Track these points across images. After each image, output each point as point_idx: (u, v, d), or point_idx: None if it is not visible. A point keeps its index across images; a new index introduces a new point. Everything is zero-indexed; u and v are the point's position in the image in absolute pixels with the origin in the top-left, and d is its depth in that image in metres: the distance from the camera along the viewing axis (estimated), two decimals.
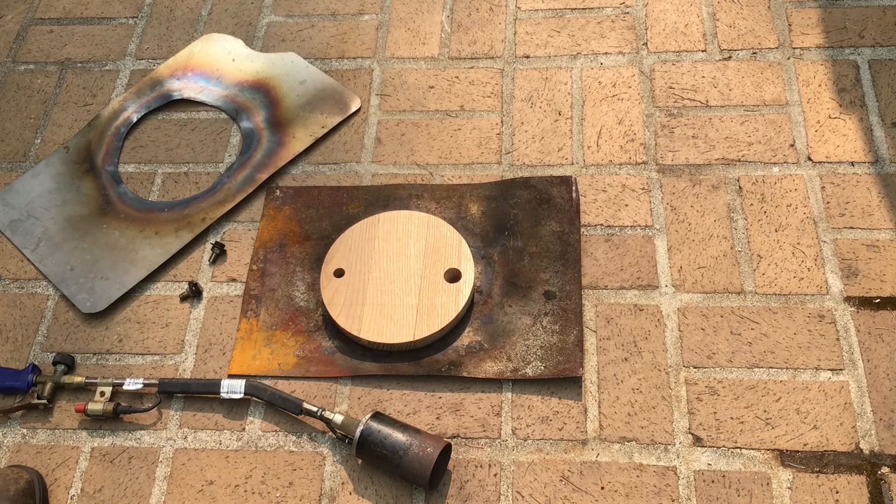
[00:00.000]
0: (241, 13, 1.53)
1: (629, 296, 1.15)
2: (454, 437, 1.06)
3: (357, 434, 1.01)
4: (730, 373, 1.08)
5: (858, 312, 1.11)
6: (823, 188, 1.22)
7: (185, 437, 1.10)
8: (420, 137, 1.34)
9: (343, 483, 1.05)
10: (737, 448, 1.03)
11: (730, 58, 1.37)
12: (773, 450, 1.02)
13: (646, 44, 1.40)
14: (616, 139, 1.30)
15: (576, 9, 1.46)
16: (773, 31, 1.39)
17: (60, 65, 1.50)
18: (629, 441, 1.04)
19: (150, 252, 1.25)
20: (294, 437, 1.09)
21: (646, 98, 1.34)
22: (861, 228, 1.18)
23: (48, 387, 1.12)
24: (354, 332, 1.11)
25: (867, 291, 1.12)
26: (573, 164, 1.28)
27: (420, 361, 1.11)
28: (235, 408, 1.11)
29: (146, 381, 1.12)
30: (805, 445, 1.02)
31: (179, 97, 1.43)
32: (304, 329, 1.16)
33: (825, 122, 1.28)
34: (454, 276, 1.15)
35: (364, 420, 1.02)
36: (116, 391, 1.13)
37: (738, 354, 1.09)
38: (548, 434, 1.06)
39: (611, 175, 1.27)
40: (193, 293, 1.21)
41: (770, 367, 1.08)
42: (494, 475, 1.03)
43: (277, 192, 1.30)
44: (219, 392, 1.10)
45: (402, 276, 1.16)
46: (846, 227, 1.18)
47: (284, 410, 1.09)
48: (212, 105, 1.42)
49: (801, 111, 1.30)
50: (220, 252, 1.25)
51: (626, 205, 1.23)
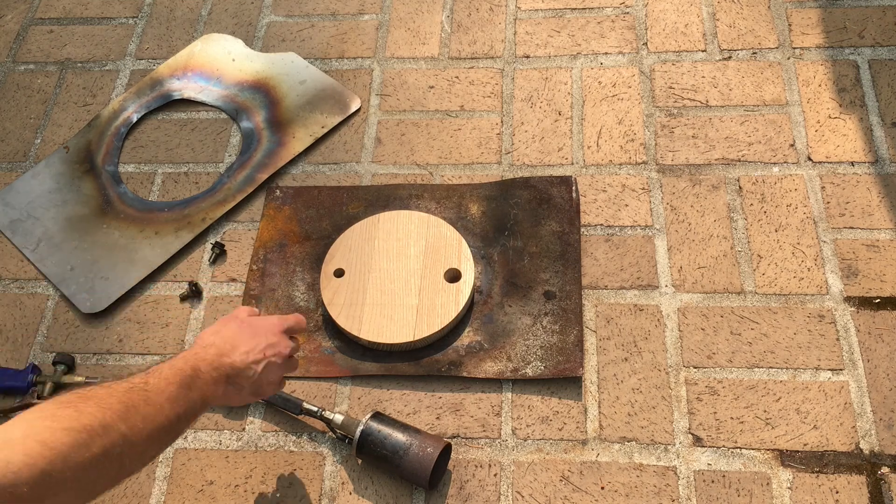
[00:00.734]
0: (241, 13, 1.53)
1: (629, 296, 1.15)
2: (454, 437, 1.06)
3: (357, 434, 1.01)
4: (730, 373, 1.08)
5: (858, 312, 1.11)
6: (823, 188, 1.22)
7: (185, 437, 1.10)
8: (420, 137, 1.34)
9: (343, 483, 1.05)
10: (737, 448, 1.03)
11: (730, 58, 1.37)
12: (773, 450, 1.02)
13: (646, 44, 1.40)
14: (616, 139, 1.30)
15: (576, 9, 1.46)
16: (773, 31, 1.39)
17: (60, 65, 1.50)
18: (629, 441, 1.04)
19: (150, 252, 1.25)
20: (294, 437, 1.09)
21: (646, 98, 1.34)
22: (861, 228, 1.18)
23: (48, 387, 1.12)
24: (354, 332, 1.11)
25: (867, 291, 1.12)
26: (573, 164, 1.28)
27: (420, 361, 1.11)
28: (235, 408, 1.11)
29: None
30: (805, 445, 1.02)
31: (179, 97, 1.43)
32: (304, 329, 1.16)
33: (825, 122, 1.28)
34: (454, 276, 1.15)
35: (364, 420, 1.02)
36: None
37: (738, 354, 1.09)
38: (548, 434, 1.06)
39: (611, 175, 1.27)
40: (193, 293, 1.21)
41: (770, 367, 1.08)
42: (494, 475, 1.03)
43: (277, 192, 1.30)
44: None
45: (402, 276, 1.16)
46: (846, 227, 1.18)
47: (284, 410, 1.09)
48: (212, 105, 1.42)
49: (801, 111, 1.30)
50: (220, 252, 1.25)
51: (626, 205, 1.23)
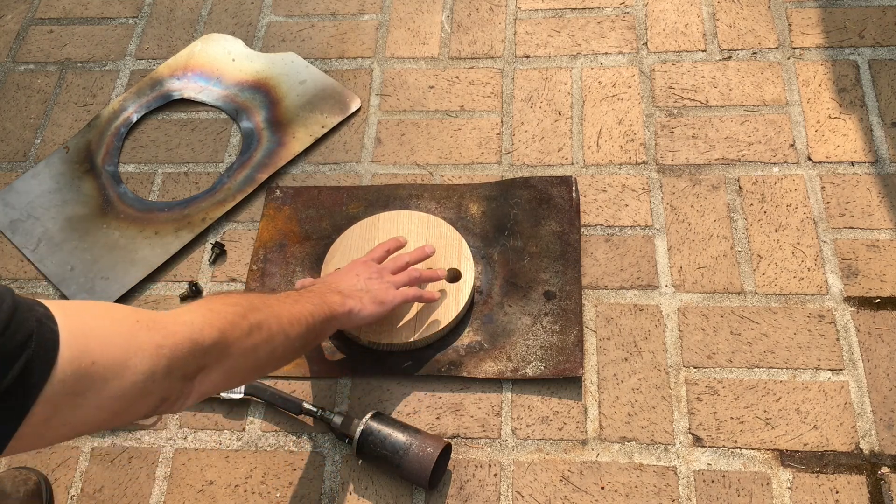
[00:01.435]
0: (241, 13, 1.53)
1: (629, 296, 1.15)
2: (454, 437, 1.06)
3: (357, 434, 1.01)
4: (730, 373, 1.08)
5: (858, 312, 1.11)
6: (823, 188, 1.22)
7: (185, 437, 1.10)
8: (420, 137, 1.34)
9: (343, 483, 1.05)
10: (737, 448, 1.03)
11: (730, 58, 1.37)
12: (773, 450, 1.02)
13: (646, 44, 1.40)
14: (616, 139, 1.30)
15: (576, 9, 1.46)
16: (773, 31, 1.39)
17: (60, 65, 1.50)
18: (629, 441, 1.04)
19: (150, 252, 1.25)
20: (294, 437, 1.09)
21: (646, 98, 1.34)
22: (861, 228, 1.18)
23: None
24: (354, 332, 1.11)
25: (867, 291, 1.12)
26: (573, 164, 1.28)
27: (420, 361, 1.11)
28: (235, 408, 1.11)
29: None
30: (805, 445, 1.02)
31: (179, 97, 1.43)
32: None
33: (825, 122, 1.28)
34: (454, 276, 1.15)
35: (364, 420, 1.02)
36: None
37: (738, 354, 1.09)
38: (548, 434, 1.06)
39: (611, 175, 1.27)
40: (193, 293, 1.21)
41: (770, 367, 1.08)
42: (494, 475, 1.03)
43: (277, 192, 1.30)
44: (219, 392, 1.10)
45: None
46: (846, 227, 1.18)
47: (284, 410, 1.09)
48: (212, 105, 1.42)
49: (801, 111, 1.30)
50: (220, 252, 1.25)
51: (626, 205, 1.23)
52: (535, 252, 1.19)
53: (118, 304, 0.75)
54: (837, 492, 0.99)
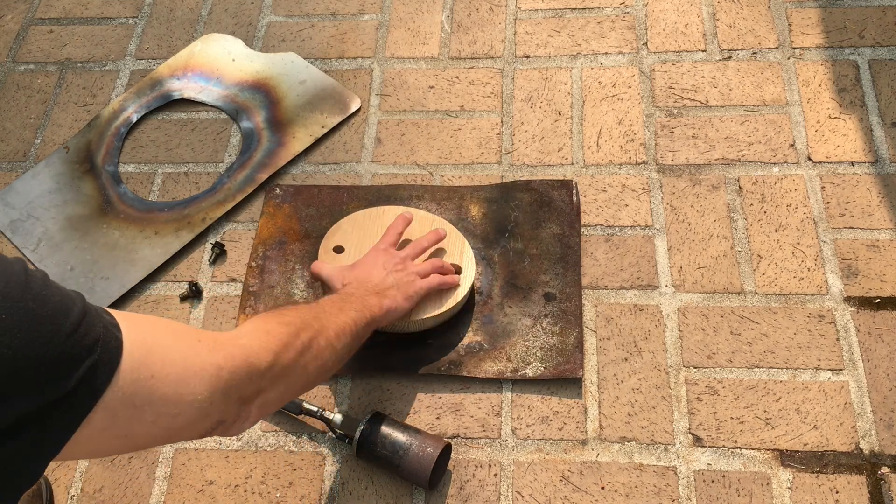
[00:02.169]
0: (241, 13, 1.53)
1: (629, 296, 1.15)
2: (454, 437, 1.06)
3: (357, 434, 1.01)
4: (730, 373, 1.08)
5: (858, 312, 1.11)
6: (823, 188, 1.22)
7: None
8: (420, 137, 1.34)
9: (343, 483, 1.05)
10: (737, 448, 1.03)
11: (730, 58, 1.37)
12: (773, 450, 1.02)
13: (646, 44, 1.40)
14: (616, 139, 1.30)
15: (576, 9, 1.46)
16: (773, 31, 1.39)
17: (60, 65, 1.50)
18: (629, 441, 1.04)
19: (150, 252, 1.25)
20: (294, 437, 1.09)
21: (646, 98, 1.34)
22: (861, 228, 1.18)
23: None
24: None
25: (867, 291, 1.12)
26: (573, 164, 1.28)
27: (420, 361, 1.11)
28: None
29: None
30: (805, 445, 1.02)
31: (179, 97, 1.43)
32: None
33: (825, 122, 1.28)
34: (455, 271, 1.15)
35: (364, 420, 1.02)
36: None
37: (738, 354, 1.09)
38: (548, 434, 1.06)
39: (611, 175, 1.27)
40: (193, 293, 1.21)
41: (770, 367, 1.08)
42: (494, 475, 1.03)
43: (277, 191, 1.30)
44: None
45: None
46: (846, 227, 1.18)
47: (284, 410, 1.09)
48: (212, 105, 1.42)
49: (801, 111, 1.30)
50: (220, 252, 1.25)
51: (626, 205, 1.23)
52: (536, 254, 1.19)
53: (179, 322, 0.75)
54: (837, 492, 0.99)
